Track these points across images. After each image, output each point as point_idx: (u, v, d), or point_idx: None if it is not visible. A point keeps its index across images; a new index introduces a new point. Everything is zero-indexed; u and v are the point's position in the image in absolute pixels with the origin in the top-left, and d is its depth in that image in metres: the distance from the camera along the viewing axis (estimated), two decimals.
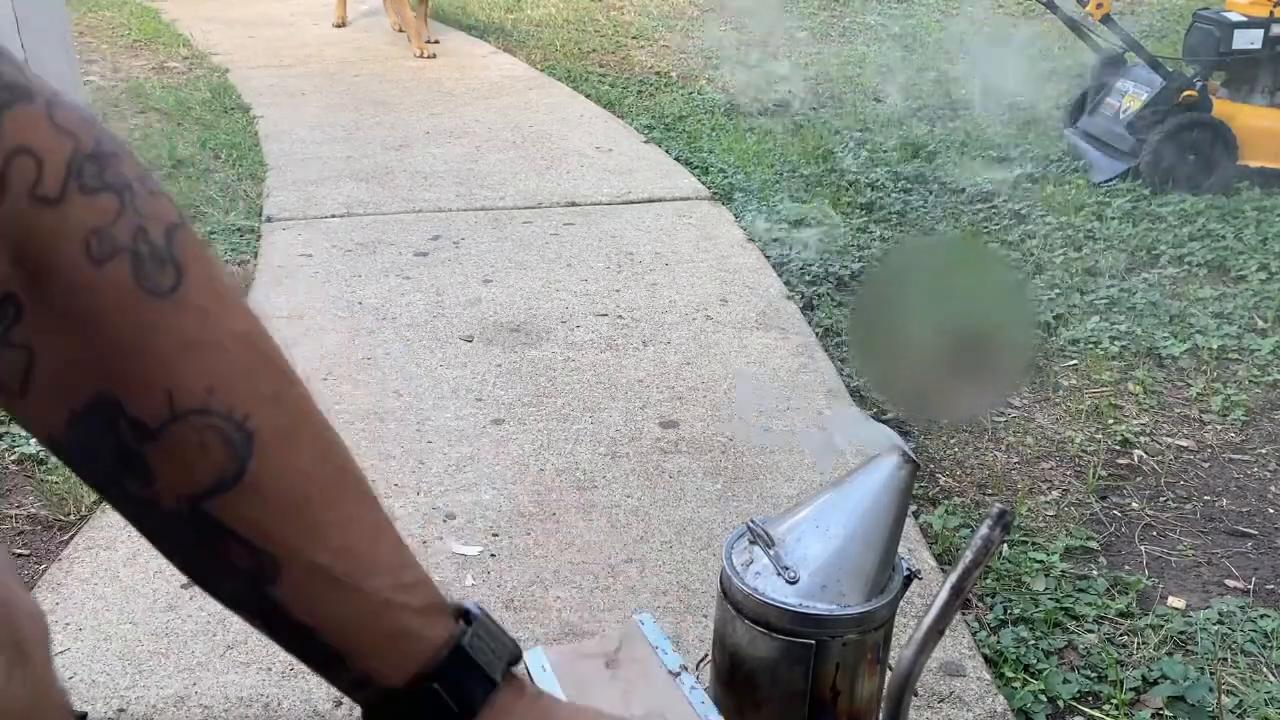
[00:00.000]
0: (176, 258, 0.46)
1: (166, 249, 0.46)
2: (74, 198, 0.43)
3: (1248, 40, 3.90)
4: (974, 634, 1.88)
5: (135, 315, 0.44)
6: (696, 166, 4.34)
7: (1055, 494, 2.32)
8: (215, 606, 1.93)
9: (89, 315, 0.44)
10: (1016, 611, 1.94)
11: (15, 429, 2.46)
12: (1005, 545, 2.13)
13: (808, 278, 3.33)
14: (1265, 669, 1.80)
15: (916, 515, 2.21)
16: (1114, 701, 1.74)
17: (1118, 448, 2.48)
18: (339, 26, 6.93)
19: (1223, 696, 1.73)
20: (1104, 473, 2.39)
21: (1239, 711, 1.72)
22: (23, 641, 0.31)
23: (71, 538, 2.12)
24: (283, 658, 1.81)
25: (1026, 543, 2.14)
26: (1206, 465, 2.43)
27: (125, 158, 0.46)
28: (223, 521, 0.47)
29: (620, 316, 3.05)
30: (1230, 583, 2.05)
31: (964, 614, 1.94)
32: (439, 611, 0.52)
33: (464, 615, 0.54)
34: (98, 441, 0.46)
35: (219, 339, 0.47)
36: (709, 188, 4.08)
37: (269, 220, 3.78)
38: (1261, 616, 1.92)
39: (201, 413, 0.46)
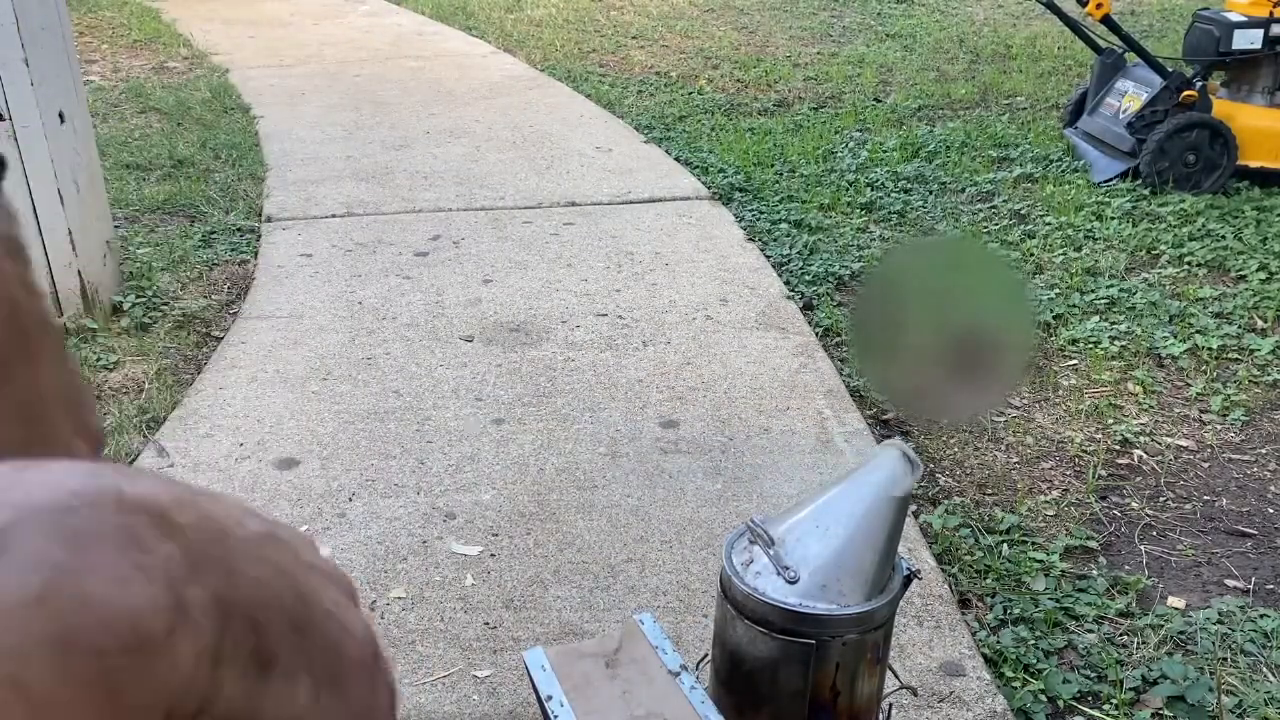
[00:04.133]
0: None
1: None
2: None
3: (1248, 40, 3.90)
4: (974, 634, 1.88)
5: None
6: (696, 166, 4.34)
7: (1055, 494, 2.32)
8: None
9: None
10: (1016, 611, 1.94)
11: None
12: (1005, 545, 2.14)
13: (808, 278, 3.33)
14: (1265, 669, 1.80)
15: (916, 515, 2.21)
16: (1114, 701, 1.74)
17: (1118, 448, 2.48)
18: None
19: (1223, 696, 1.73)
20: (1104, 473, 2.39)
21: (1239, 711, 1.72)
22: (333, 669, 0.29)
23: None
24: None
25: (1026, 543, 2.14)
26: (1206, 465, 2.43)
27: None
28: None
29: (620, 316, 3.05)
30: (1230, 583, 2.05)
31: (964, 614, 1.94)
32: None
33: None
34: None
35: None
36: (709, 188, 4.08)
37: (269, 220, 3.78)
38: (1261, 616, 1.92)
39: None
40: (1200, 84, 3.93)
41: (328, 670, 0.29)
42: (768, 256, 3.47)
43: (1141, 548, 2.16)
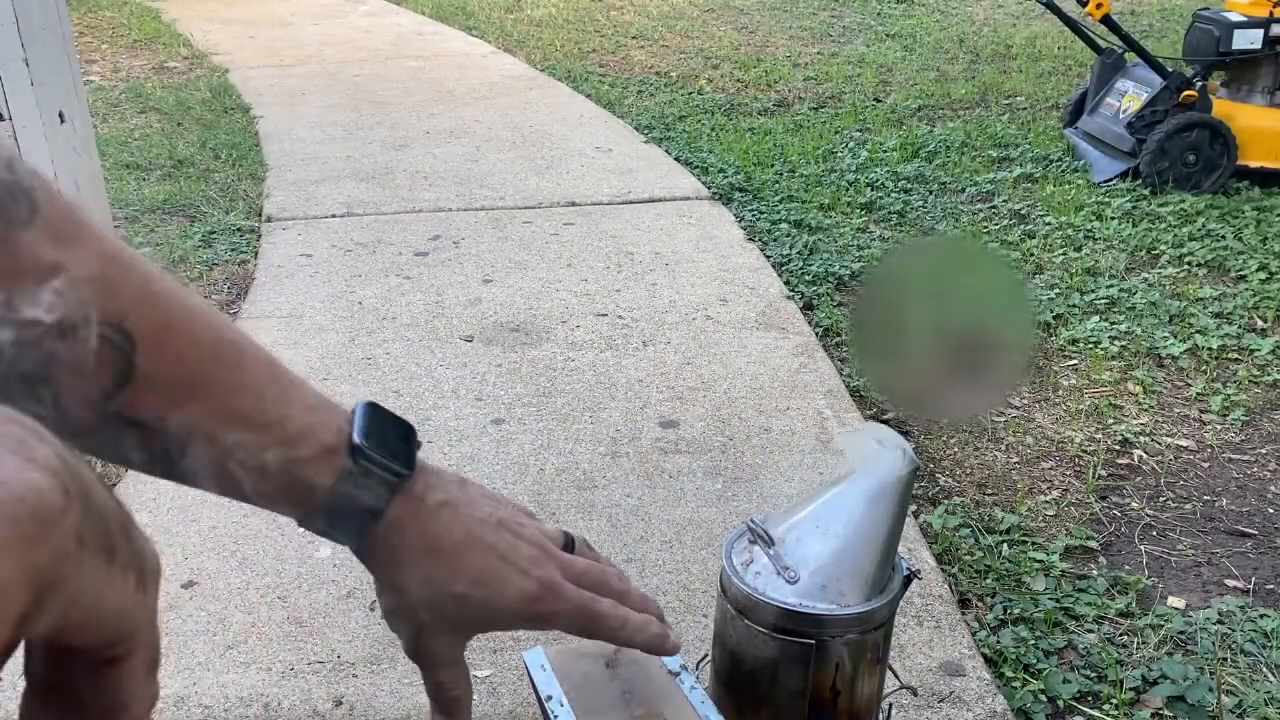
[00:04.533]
0: (25, 185, 0.49)
1: (14, 181, 0.49)
2: None
3: (1248, 40, 3.91)
4: (974, 634, 1.88)
5: (5, 246, 0.48)
6: (696, 166, 4.34)
7: (1055, 494, 2.32)
8: (216, 606, 1.92)
9: None
10: (1016, 611, 1.94)
11: None
12: (1005, 545, 2.13)
13: (808, 278, 3.33)
14: (1265, 669, 1.80)
15: (916, 515, 2.21)
16: (1114, 701, 1.74)
17: (1118, 448, 2.48)
18: None
19: (1223, 696, 1.73)
20: (1104, 473, 2.39)
21: (1239, 711, 1.72)
22: (144, 572, 0.37)
23: None
24: (283, 657, 1.81)
25: (1026, 543, 2.14)
26: (1206, 465, 2.43)
27: None
28: (126, 416, 0.53)
29: (620, 316, 3.05)
30: (1230, 583, 2.05)
31: (964, 614, 1.94)
32: (328, 456, 0.58)
33: (355, 452, 0.59)
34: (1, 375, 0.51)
35: (81, 255, 0.51)
36: (709, 188, 4.09)
37: (269, 220, 3.78)
38: (1261, 616, 1.92)
39: (85, 323, 0.50)
40: (1200, 84, 3.93)
41: (141, 573, 0.36)
42: (768, 256, 3.47)
43: (1141, 548, 2.16)
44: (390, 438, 0.61)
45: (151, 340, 0.53)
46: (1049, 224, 3.71)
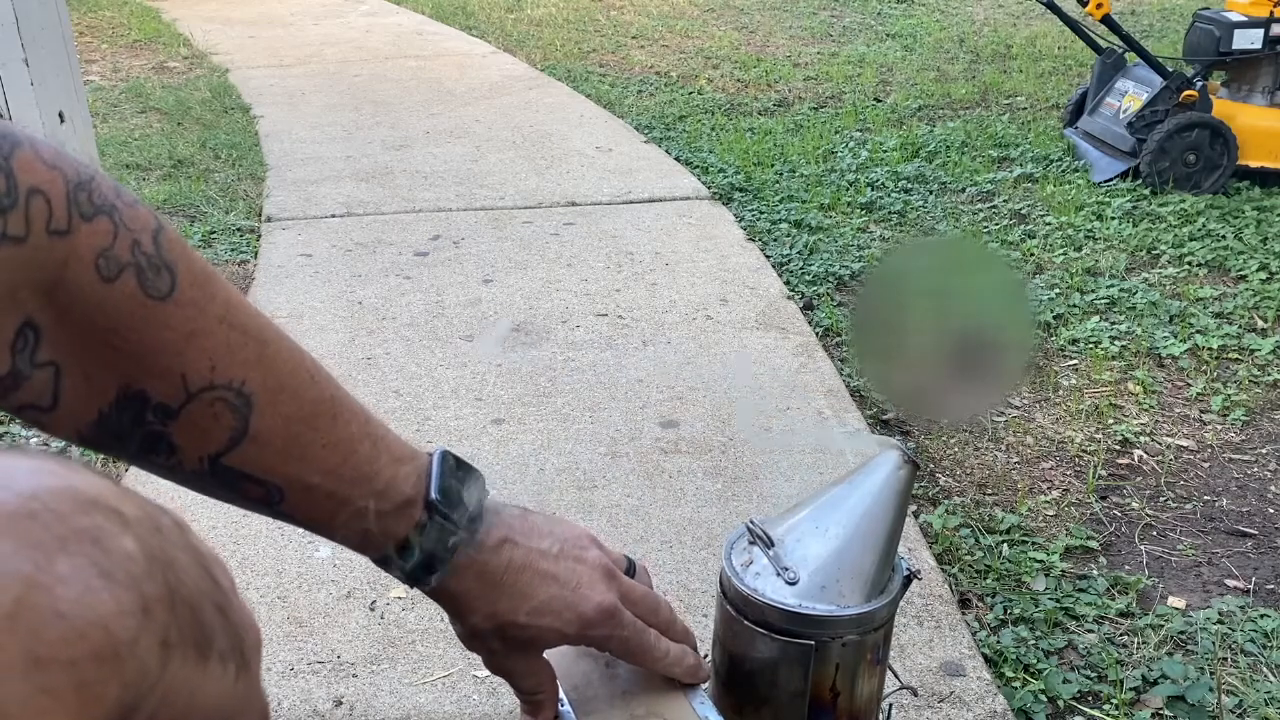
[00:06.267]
0: (167, 261, 0.53)
1: (158, 255, 0.52)
2: (79, 226, 0.48)
3: (1248, 40, 3.90)
4: (974, 634, 1.88)
5: (144, 319, 0.52)
6: (696, 166, 4.34)
7: (1055, 494, 2.32)
8: None
9: (105, 327, 0.51)
10: (1016, 611, 1.94)
11: (14, 428, 2.46)
12: (1005, 545, 2.13)
13: (808, 278, 3.33)
14: (1265, 669, 1.80)
15: (916, 515, 2.21)
16: (1114, 701, 1.74)
17: (1118, 448, 2.48)
18: None
19: (1223, 696, 1.73)
20: (1104, 473, 2.39)
21: (1239, 711, 1.72)
22: (244, 650, 0.32)
23: None
24: (283, 657, 1.81)
25: (1026, 543, 2.14)
26: (1206, 465, 2.43)
27: (100, 179, 0.52)
28: (236, 469, 0.57)
29: (620, 316, 3.05)
30: (1230, 583, 2.05)
31: (964, 614, 1.94)
32: (407, 508, 0.64)
33: (429, 506, 0.65)
34: (126, 429, 0.54)
35: (208, 325, 0.55)
36: (709, 188, 4.09)
37: (269, 220, 3.78)
38: (1261, 616, 1.92)
39: (209, 388, 0.55)
40: (1200, 84, 3.93)
41: (242, 653, 0.32)
42: (768, 256, 3.47)
43: (1141, 548, 2.15)
44: (461, 489, 0.67)
45: (266, 402, 0.57)
46: (1049, 224, 3.71)
